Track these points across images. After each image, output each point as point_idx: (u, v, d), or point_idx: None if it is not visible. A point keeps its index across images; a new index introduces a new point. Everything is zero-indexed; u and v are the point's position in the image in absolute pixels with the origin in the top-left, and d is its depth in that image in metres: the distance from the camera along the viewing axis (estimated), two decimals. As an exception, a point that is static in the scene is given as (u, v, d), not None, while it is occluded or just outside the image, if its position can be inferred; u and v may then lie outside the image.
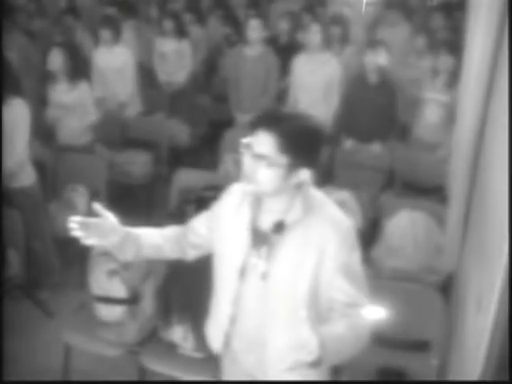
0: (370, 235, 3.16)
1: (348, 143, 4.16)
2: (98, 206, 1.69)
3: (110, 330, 2.55)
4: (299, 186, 1.60)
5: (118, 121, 4.52)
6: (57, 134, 4.03)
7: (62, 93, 3.86)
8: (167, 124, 4.66)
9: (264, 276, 1.62)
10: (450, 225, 2.77)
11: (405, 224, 3.05)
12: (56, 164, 3.84)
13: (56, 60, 3.76)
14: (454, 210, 2.72)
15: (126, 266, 2.51)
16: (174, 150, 4.59)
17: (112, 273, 2.51)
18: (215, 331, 1.79)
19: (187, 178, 3.47)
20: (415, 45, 4.71)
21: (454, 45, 3.94)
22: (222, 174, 3.77)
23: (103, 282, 2.53)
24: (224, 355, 1.85)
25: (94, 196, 3.56)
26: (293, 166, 1.53)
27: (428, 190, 3.65)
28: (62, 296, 3.33)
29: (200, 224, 1.84)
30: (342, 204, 3.07)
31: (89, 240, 1.64)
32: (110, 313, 2.54)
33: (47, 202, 3.40)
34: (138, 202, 4.13)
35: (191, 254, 1.87)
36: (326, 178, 3.82)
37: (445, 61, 3.99)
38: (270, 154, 1.51)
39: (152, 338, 2.56)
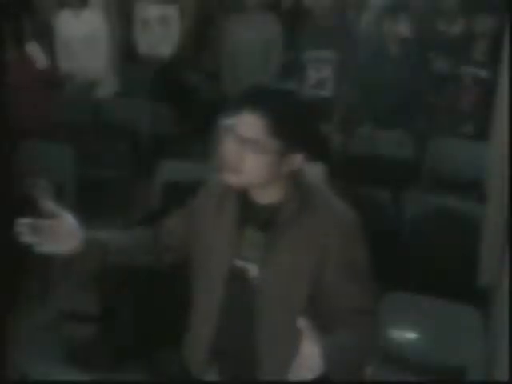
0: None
1: (363, 129, 4.14)
2: (51, 205, 1.64)
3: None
4: (293, 175, 1.61)
5: (89, 103, 4.49)
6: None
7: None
8: (149, 107, 4.65)
9: (254, 283, 1.63)
10: (487, 229, 2.75)
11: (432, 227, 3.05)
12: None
13: None
14: (493, 212, 2.70)
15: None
16: (156, 138, 4.58)
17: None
18: (197, 353, 1.77)
19: (173, 171, 3.44)
20: (443, 5, 4.52)
21: (495, 2, 3.81)
22: (215, 166, 3.74)
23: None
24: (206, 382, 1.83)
25: (59, 192, 3.53)
26: (285, 152, 1.55)
27: (461, 187, 3.65)
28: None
29: (175, 223, 1.85)
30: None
31: (42, 247, 1.60)
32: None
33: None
34: (113, 200, 4.13)
35: (167, 259, 1.87)
36: (335, 173, 3.80)
37: (483, 23, 3.87)
38: (259, 137, 1.52)
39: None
